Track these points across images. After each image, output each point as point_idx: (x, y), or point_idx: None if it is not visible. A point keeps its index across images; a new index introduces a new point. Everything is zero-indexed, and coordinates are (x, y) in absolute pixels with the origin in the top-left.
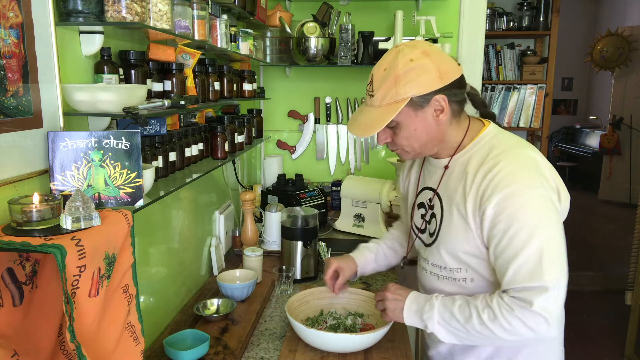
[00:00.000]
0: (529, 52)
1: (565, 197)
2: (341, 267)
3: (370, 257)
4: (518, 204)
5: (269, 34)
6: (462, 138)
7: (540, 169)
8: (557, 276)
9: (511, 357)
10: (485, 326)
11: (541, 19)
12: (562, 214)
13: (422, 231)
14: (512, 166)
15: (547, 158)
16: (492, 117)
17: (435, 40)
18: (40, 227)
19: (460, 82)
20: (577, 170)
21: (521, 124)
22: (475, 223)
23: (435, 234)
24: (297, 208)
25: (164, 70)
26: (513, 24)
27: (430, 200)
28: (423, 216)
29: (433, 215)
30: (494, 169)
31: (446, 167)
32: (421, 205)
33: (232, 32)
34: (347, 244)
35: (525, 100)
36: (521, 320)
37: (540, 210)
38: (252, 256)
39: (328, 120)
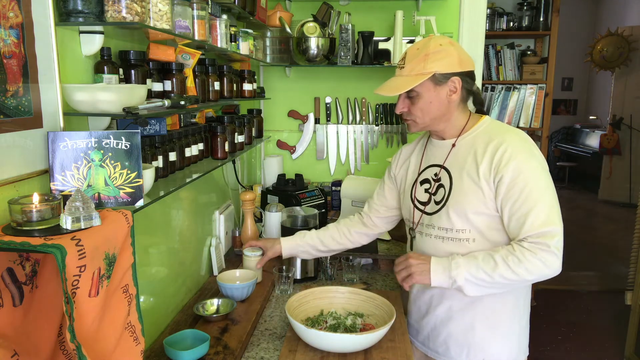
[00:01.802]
0: (529, 52)
1: None
2: (265, 246)
3: (298, 242)
4: (527, 169)
5: (269, 34)
6: (465, 123)
7: (534, 145)
8: (560, 221)
9: (491, 326)
10: (512, 271)
11: (541, 19)
12: None
13: (425, 203)
14: (517, 142)
15: (547, 158)
16: (484, 114)
17: None
18: (40, 227)
19: (472, 75)
20: (577, 170)
21: (521, 124)
22: (489, 185)
23: (444, 200)
24: (297, 208)
25: (164, 70)
26: (513, 24)
27: (436, 174)
28: (427, 190)
29: (440, 186)
30: (504, 144)
31: (453, 145)
32: (425, 181)
33: (232, 32)
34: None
35: (525, 100)
36: (541, 260)
37: (543, 173)
38: (252, 256)
39: (328, 120)
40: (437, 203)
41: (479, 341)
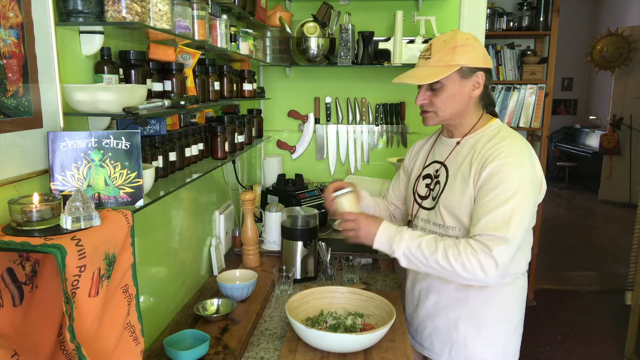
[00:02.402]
0: (529, 52)
1: (544, 189)
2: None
3: (367, 195)
4: (507, 172)
5: (269, 34)
6: (475, 123)
7: (533, 158)
8: (518, 234)
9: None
10: (448, 261)
11: (541, 19)
12: (538, 200)
13: (424, 198)
14: (513, 146)
15: (547, 158)
16: (495, 116)
17: None
18: (40, 227)
19: (491, 72)
20: (577, 170)
21: (521, 124)
22: (473, 182)
23: (437, 197)
24: (297, 208)
25: (164, 70)
26: (513, 24)
27: (436, 171)
28: (428, 185)
29: (437, 183)
30: (498, 144)
31: (458, 142)
32: (427, 176)
33: (232, 32)
34: (347, 244)
35: (525, 100)
36: (479, 261)
37: (522, 183)
38: (341, 193)
39: (328, 120)
40: (433, 199)
41: (461, 340)
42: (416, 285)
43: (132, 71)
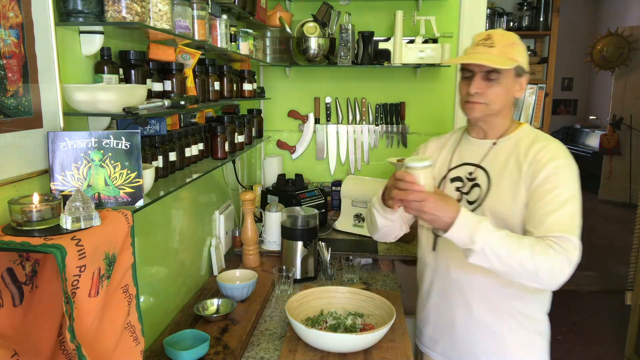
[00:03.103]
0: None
1: None
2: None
3: None
4: (565, 173)
5: (269, 34)
6: (509, 125)
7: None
8: (579, 237)
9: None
10: (533, 261)
11: (541, 19)
12: None
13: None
14: (560, 148)
15: None
16: None
17: (435, 40)
18: (40, 227)
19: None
20: None
21: None
22: (526, 184)
23: (480, 200)
24: (297, 208)
25: (164, 70)
26: (513, 24)
27: (470, 173)
28: (459, 188)
29: (475, 186)
30: (548, 146)
31: (494, 143)
32: (456, 179)
33: (232, 32)
34: (347, 244)
35: (525, 100)
36: (561, 262)
37: (576, 183)
38: (419, 166)
39: (328, 120)
40: (470, 202)
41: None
42: (451, 300)
43: (132, 71)
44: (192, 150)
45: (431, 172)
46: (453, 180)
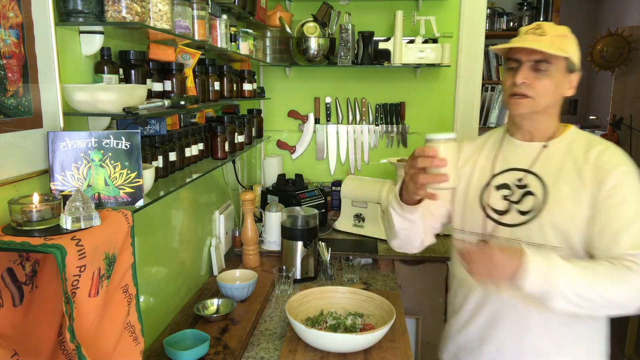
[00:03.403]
0: None
1: None
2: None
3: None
4: (631, 181)
5: (269, 34)
6: (555, 128)
7: None
8: None
9: None
10: (614, 287)
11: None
12: None
13: (502, 212)
14: (622, 153)
15: None
16: None
17: (435, 40)
18: (40, 227)
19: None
20: None
21: None
22: (589, 191)
23: (537, 211)
24: (297, 208)
25: (164, 70)
26: (513, 24)
27: (519, 180)
28: (507, 197)
29: (528, 194)
30: (608, 150)
31: (545, 146)
32: (503, 186)
33: (232, 32)
34: (347, 244)
35: None
36: None
37: None
38: (441, 139)
39: (328, 120)
40: (522, 213)
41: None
42: (502, 326)
43: (132, 71)
44: (192, 150)
45: (456, 149)
46: (499, 187)
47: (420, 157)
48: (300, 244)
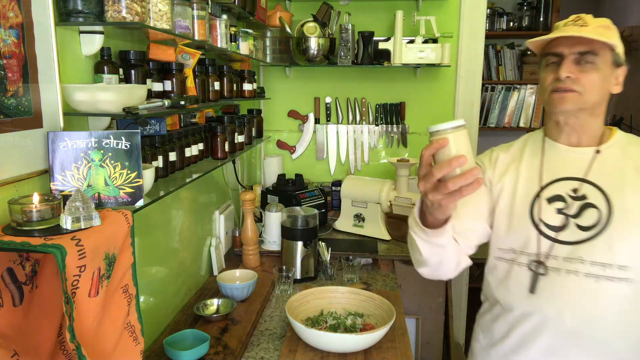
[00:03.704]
0: (529, 52)
1: None
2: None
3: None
4: None
5: (269, 34)
6: (602, 130)
7: None
8: None
9: None
10: None
11: (541, 19)
12: None
13: (559, 228)
14: None
15: None
16: None
17: (435, 41)
18: (40, 227)
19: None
20: None
21: (521, 124)
22: None
23: (602, 225)
24: (297, 208)
25: (164, 70)
26: (513, 24)
27: (574, 190)
28: (562, 210)
29: (588, 207)
30: None
31: (598, 151)
32: (555, 198)
33: (232, 32)
34: (347, 244)
35: (525, 100)
36: None
37: None
38: (449, 128)
39: (328, 120)
40: (583, 229)
41: None
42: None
43: (132, 71)
44: (192, 150)
45: (467, 136)
46: (551, 200)
47: (436, 169)
48: (300, 244)
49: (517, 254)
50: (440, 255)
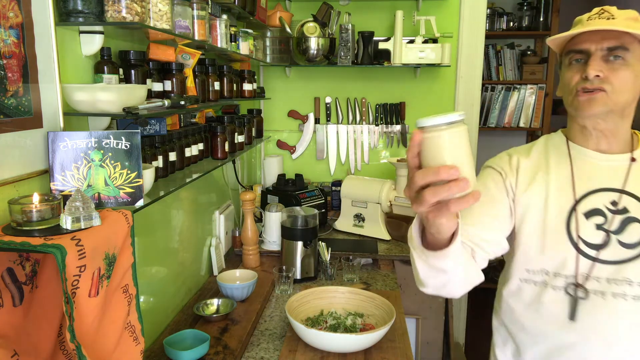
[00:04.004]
0: (529, 52)
1: None
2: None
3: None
4: None
5: (269, 34)
6: (630, 133)
7: None
8: None
9: None
10: None
11: (541, 19)
12: None
13: (600, 247)
14: None
15: None
16: None
17: (435, 41)
18: (40, 227)
19: None
20: None
21: (521, 124)
22: None
23: None
24: (297, 208)
25: (164, 70)
26: (513, 24)
27: (614, 203)
28: (601, 226)
29: (631, 220)
30: None
31: (634, 159)
32: (594, 212)
33: (232, 32)
34: (347, 244)
35: (525, 100)
36: None
37: None
38: (443, 123)
39: (328, 120)
40: (628, 246)
41: None
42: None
43: (132, 71)
44: (192, 150)
45: (466, 135)
46: (589, 215)
47: (419, 175)
48: (300, 244)
49: (551, 276)
50: (442, 279)
